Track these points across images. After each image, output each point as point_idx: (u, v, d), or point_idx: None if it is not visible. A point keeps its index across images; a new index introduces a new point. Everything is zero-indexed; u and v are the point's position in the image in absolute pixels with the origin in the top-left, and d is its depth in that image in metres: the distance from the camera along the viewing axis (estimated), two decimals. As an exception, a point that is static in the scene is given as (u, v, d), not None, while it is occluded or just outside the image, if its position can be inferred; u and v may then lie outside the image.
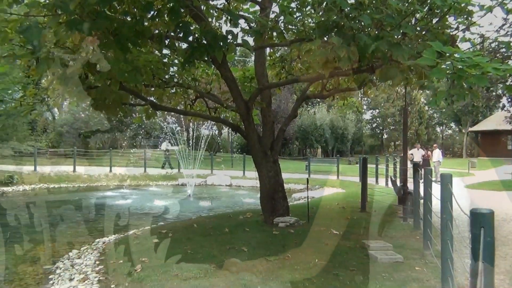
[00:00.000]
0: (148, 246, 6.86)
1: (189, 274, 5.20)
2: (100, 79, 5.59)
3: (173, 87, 8.06)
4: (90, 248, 7.75)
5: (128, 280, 5.35)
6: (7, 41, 4.84)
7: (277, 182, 7.92)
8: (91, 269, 6.24)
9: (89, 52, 5.75)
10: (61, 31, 4.63)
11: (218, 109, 9.32)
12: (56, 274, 6.42)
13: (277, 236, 6.87)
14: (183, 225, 8.73)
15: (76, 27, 4.04)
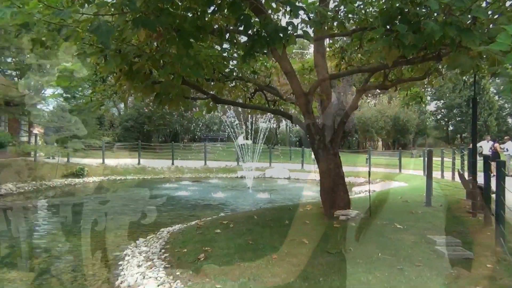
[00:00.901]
0: (210, 236, 7.04)
1: (250, 264, 5.28)
2: (164, 74, 5.77)
3: (233, 80, 8.16)
4: (155, 237, 8.08)
5: (192, 268, 5.53)
6: (79, 40, 5.12)
7: (338, 174, 7.81)
8: (157, 256, 6.51)
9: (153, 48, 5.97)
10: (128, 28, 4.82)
11: (277, 102, 9.34)
12: (125, 261, 6.76)
13: (338, 229, 6.79)
14: (244, 216, 8.85)
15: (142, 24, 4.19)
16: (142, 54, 5.71)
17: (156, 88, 6.27)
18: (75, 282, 6.18)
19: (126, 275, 5.96)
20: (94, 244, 8.43)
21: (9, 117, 20.22)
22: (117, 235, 9.19)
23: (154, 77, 6.49)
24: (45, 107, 23.06)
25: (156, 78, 6.43)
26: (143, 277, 5.60)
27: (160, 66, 5.93)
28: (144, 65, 5.87)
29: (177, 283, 5.15)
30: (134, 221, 10.81)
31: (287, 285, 4.56)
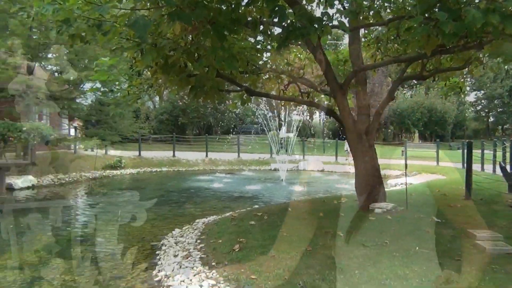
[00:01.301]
0: (245, 227, 7.10)
1: (285, 255, 5.30)
2: (198, 67, 5.83)
3: (267, 72, 8.15)
4: (191, 228, 8.21)
5: (227, 258, 5.60)
6: (117, 35, 5.24)
7: (373, 167, 7.70)
8: (193, 247, 6.62)
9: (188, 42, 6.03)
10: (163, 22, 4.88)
11: (311, 94, 9.27)
12: (162, 250, 6.92)
13: (373, 222, 6.71)
14: (278, 208, 8.88)
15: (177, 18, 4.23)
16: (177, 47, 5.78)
17: (191, 81, 6.35)
18: (114, 270, 6.38)
19: (163, 264, 6.10)
20: (133, 234, 8.66)
21: (50, 111, 20.94)
22: (154, 225, 9.41)
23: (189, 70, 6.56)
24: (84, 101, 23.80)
25: (191, 71, 6.50)
26: (179, 267, 5.72)
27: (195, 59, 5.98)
28: (179, 59, 5.94)
29: (213, 273, 5.23)
30: (169, 212, 11.04)
31: (322, 277, 4.55)
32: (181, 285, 5.05)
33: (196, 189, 15.77)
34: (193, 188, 15.91)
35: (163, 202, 12.97)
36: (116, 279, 5.94)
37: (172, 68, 6.10)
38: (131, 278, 5.92)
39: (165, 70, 6.12)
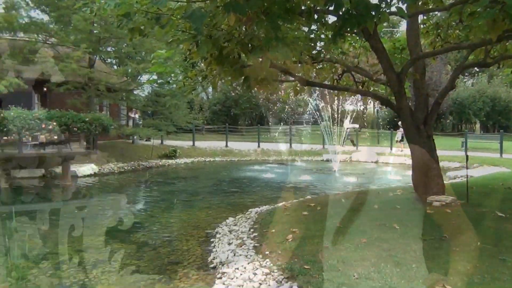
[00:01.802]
0: (297, 217, 7.11)
1: (339, 246, 5.26)
2: (252, 58, 5.85)
3: (320, 62, 8.04)
4: (244, 217, 8.33)
5: (280, 248, 5.64)
6: (174, 28, 5.36)
7: (431, 158, 7.42)
8: (246, 235, 6.72)
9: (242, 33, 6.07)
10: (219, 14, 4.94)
11: (365, 83, 9.05)
12: (216, 238, 7.08)
13: (431, 215, 6.48)
14: (331, 199, 8.80)
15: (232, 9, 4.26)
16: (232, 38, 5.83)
17: (244, 72, 6.38)
18: (171, 255, 6.61)
19: (217, 251, 6.25)
20: (188, 222, 8.92)
21: (110, 102, 21.89)
22: (208, 214, 9.64)
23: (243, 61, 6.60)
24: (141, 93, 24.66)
25: (245, 62, 6.54)
26: (233, 255, 5.83)
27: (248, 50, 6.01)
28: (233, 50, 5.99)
29: (266, 262, 5.28)
30: (223, 201, 11.25)
31: (378, 269, 4.48)
32: (235, 273, 5.15)
33: (248, 179, 15.95)
34: (245, 178, 16.10)
35: (216, 191, 13.24)
36: (173, 264, 6.16)
37: (227, 59, 6.16)
38: (187, 264, 6.12)
39: (220, 61, 6.19)
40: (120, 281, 5.54)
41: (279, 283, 4.63)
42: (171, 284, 5.36)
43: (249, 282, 4.80)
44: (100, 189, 14.38)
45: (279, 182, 14.87)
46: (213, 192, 13.21)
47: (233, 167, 20.18)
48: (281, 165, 20.65)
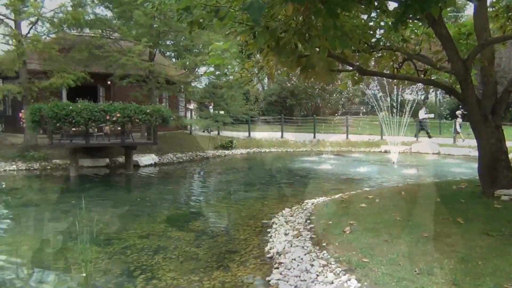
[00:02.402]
0: (355, 209, 6.99)
1: (399, 241, 5.12)
2: (310, 48, 5.79)
3: (380, 50, 7.80)
4: (300, 208, 8.32)
5: (338, 240, 5.58)
6: (232, 20, 5.40)
7: (499, 150, 7.00)
8: (303, 226, 6.72)
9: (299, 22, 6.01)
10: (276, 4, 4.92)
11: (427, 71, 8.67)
12: (273, 229, 7.13)
13: (499, 210, 6.14)
14: (390, 191, 8.57)
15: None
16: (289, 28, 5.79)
17: (302, 62, 6.33)
18: (229, 244, 6.75)
19: (274, 242, 6.30)
20: (244, 211, 9.05)
21: (169, 94, 22.56)
22: (264, 204, 9.72)
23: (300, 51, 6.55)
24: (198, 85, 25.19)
25: (302, 52, 6.48)
26: (290, 245, 5.85)
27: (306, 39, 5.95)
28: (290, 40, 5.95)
29: (323, 253, 5.26)
30: (278, 192, 11.29)
31: (441, 265, 4.32)
32: (292, 263, 5.18)
33: (304, 169, 15.88)
34: (301, 169, 16.05)
35: (272, 182, 13.30)
36: (231, 253, 6.28)
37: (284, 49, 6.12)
38: (244, 253, 6.22)
39: (277, 52, 6.17)
40: (180, 267, 5.74)
41: (337, 275, 4.59)
42: (229, 272, 5.47)
43: (306, 273, 4.81)
44: (160, 178, 14.91)
45: (336, 173, 14.68)
46: (269, 182, 13.28)
47: (288, 158, 20.17)
48: (338, 156, 20.35)
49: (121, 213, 9.25)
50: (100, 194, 11.34)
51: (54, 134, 14.27)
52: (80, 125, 13.74)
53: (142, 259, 6.10)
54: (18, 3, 15.47)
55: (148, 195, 11.34)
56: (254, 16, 3.95)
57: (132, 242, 6.93)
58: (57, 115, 13.20)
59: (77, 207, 9.30)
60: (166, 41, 20.49)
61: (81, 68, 17.63)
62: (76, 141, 14.38)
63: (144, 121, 14.61)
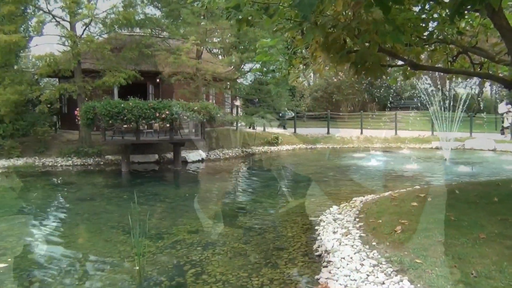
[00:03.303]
0: (406, 208, 6.79)
1: (454, 242, 4.93)
2: (360, 43, 5.66)
3: (433, 43, 7.51)
4: (348, 205, 8.18)
5: (388, 239, 5.45)
6: (282, 16, 5.38)
7: None
8: (352, 225, 6.61)
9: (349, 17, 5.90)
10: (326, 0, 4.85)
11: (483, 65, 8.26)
12: (321, 226, 7.06)
13: None
14: (443, 190, 8.25)
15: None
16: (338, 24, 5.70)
17: (351, 58, 6.20)
18: (276, 241, 6.76)
19: (322, 240, 6.23)
20: (291, 208, 9.03)
21: (216, 91, 22.84)
22: (311, 201, 9.65)
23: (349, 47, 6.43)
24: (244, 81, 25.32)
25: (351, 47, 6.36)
26: (339, 244, 5.77)
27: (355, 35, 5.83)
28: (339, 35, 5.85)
29: (374, 253, 5.15)
30: (326, 189, 11.17)
31: (500, 268, 4.12)
32: (341, 262, 5.11)
33: (351, 166, 15.62)
34: (348, 166, 15.79)
35: (318, 179, 13.19)
36: (279, 250, 6.29)
37: (332, 45, 6.04)
38: (292, 250, 6.21)
39: (325, 48, 6.09)
40: (229, 263, 5.81)
41: (388, 275, 4.49)
42: (277, 269, 5.48)
43: (356, 273, 4.73)
44: (208, 174, 15.16)
45: (384, 170, 14.34)
46: (315, 179, 13.17)
47: (335, 154, 19.92)
48: (386, 152, 19.86)
49: (171, 208, 9.50)
50: (150, 189, 11.67)
51: (107, 131, 14.82)
52: (131, 122, 14.18)
53: (191, 254, 6.23)
54: (73, 6, 16.15)
55: (196, 190, 11.56)
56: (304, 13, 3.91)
57: (181, 237, 7.09)
58: (109, 112, 13.70)
59: (129, 202, 9.63)
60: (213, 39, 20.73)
61: (132, 67, 18.19)
62: (127, 138, 14.86)
63: (192, 118, 14.88)
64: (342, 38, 6.13)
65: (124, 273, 5.63)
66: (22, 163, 16.07)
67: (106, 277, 5.54)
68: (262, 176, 14.59)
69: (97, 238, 7.33)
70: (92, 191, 11.58)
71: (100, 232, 7.68)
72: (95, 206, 9.73)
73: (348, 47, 6.38)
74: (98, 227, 8.01)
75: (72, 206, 10.00)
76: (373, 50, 5.76)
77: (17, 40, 15.32)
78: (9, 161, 16.09)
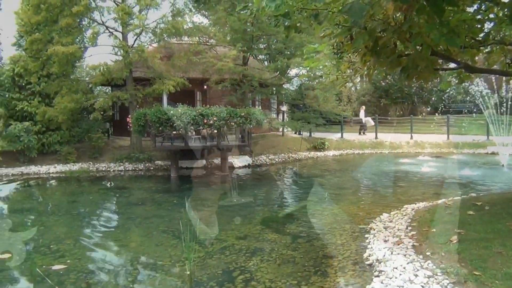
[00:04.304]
0: (462, 217, 6.51)
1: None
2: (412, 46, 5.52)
3: (489, 45, 7.19)
4: (399, 213, 7.96)
5: (443, 250, 5.25)
6: (332, 22, 5.33)
7: None
8: (404, 233, 6.42)
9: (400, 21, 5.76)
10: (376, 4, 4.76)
11: (546, 65, 7.81)
12: (371, 234, 6.90)
13: None
14: (502, 198, 7.86)
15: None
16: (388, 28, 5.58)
17: (402, 62, 6.06)
18: (325, 248, 6.67)
19: (373, 248, 6.08)
20: (340, 215, 8.88)
21: (262, 97, 22.97)
22: (360, 208, 9.46)
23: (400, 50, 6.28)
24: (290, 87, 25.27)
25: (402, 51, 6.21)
26: (391, 253, 5.62)
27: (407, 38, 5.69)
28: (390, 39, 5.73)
29: (428, 263, 4.98)
30: (374, 196, 10.93)
31: None
32: (394, 272, 4.97)
33: (401, 172, 15.19)
34: (397, 172, 15.37)
35: (367, 185, 12.93)
36: (328, 258, 6.20)
37: (383, 49, 5.92)
38: (342, 259, 6.10)
39: (375, 52, 5.98)
40: (277, 270, 5.80)
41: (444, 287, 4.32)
42: (327, 278, 5.41)
43: (410, 284, 4.59)
44: (254, 179, 15.23)
45: (437, 176, 13.83)
46: (364, 185, 12.92)
47: (383, 160, 19.45)
48: (438, 158, 19.17)
49: (219, 213, 9.60)
50: (198, 194, 11.87)
51: (157, 137, 15.24)
52: (180, 128, 14.50)
53: (240, 260, 6.27)
54: (126, 17, 16.78)
55: (243, 196, 11.62)
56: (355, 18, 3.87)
57: (230, 243, 7.15)
58: (159, 119, 14.09)
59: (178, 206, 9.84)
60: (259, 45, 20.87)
61: (180, 74, 18.64)
62: (176, 144, 15.22)
63: (239, 124, 15.02)
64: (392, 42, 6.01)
65: (175, 277, 5.76)
66: (77, 168, 16.83)
67: (158, 281, 5.68)
68: (308, 182, 14.46)
69: (148, 242, 7.53)
70: (143, 196, 11.92)
71: (151, 236, 7.89)
72: (146, 211, 10.01)
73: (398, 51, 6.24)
74: (150, 231, 8.23)
75: (125, 210, 10.34)
76: (425, 53, 5.61)
77: (74, 51, 16.12)
78: (66, 166, 16.91)
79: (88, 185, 14.11)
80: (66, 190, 13.38)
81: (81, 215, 9.98)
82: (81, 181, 14.80)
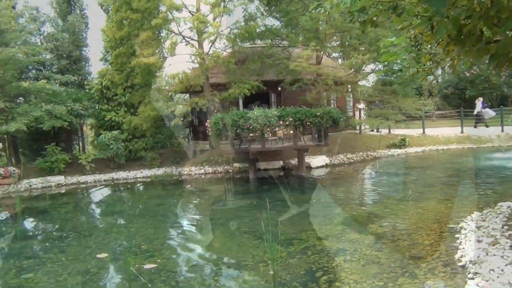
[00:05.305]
0: None
1: None
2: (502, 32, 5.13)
3: None
4: (493, 212, 7.42)
5: (548, 251, 4.81)
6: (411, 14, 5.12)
7: None
8: (499, 233, 5.98)
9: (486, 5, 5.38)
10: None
11: None
12: (462, 234, 6.52)
13: None
14: None
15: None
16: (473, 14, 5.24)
17: (490, 49, 5.65)
18: (412, 249, 6.40)
19: (465, 249, 5.74)
20: (426, 214, 8.48)
21: (337, 95, 22.59)
22: (447, 206, 8.97)
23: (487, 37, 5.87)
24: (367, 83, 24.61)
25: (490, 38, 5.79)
26: (485, 254, 5.27)
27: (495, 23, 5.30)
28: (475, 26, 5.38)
29: (530, 265, 4.59)
30: (463, 193, 10.29)
31: None
32: (490, 274, 4.65)
33: (493, 168, 14.15)
34: (488, 167, 14.34)
35: (454, 182, 12.21)
36: (416, 259, 5.95)
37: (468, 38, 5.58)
38: (431, 260, 5.82)
39: (459, 41, 5.65)
40: (362, 271, 5.67)
41: (551, 292, 3.96)
42: (416, 280, 5.19)
43: (509, 287, 4.25)
44: (333, 179, 15.01)
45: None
46: (451, 183, 12.21)
47: (471, 155, 18.25)
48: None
49: (298, 213, 9.60)
50: (277, 195, 11.95)
51: (234, 140, 15.59)
52: (256, 131, 14.71)
53: (322, 260, 6.22)
54: (201, 26, 17.40)
55: (322, 196, 11.51)
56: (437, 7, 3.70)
57: (311, 243, 7.12)
58: (236, 122, 14.40)
59: (257, 208, 9.98)
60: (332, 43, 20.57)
61: (255, 77, 18.91)
62: (253, 146, 15.45)
63: (315, 123, 14.89)
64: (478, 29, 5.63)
65: (259, 276, 5.84)
66: (162, 172, 17.73)
67: (242, 280, 5.81)
68: (390, 180, 13.97)
69: (231, 243, 7.73)
70: (223, 198, 12.27)
71: (233, 237, 8.08)
72: (227, 212, 10.28)
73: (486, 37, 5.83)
74: (232, 232, 8.44)
75: (207, 212, 10.70)
76: (518, 38, 5.19)
77: (154, 62, 17.01)
78: (151, 171, 17.90)
79: (172, 188, 14.80)
80: (152, 193, 14.15)
81: (166, 217, 10.49)
82: (165, 184, 15.57)
